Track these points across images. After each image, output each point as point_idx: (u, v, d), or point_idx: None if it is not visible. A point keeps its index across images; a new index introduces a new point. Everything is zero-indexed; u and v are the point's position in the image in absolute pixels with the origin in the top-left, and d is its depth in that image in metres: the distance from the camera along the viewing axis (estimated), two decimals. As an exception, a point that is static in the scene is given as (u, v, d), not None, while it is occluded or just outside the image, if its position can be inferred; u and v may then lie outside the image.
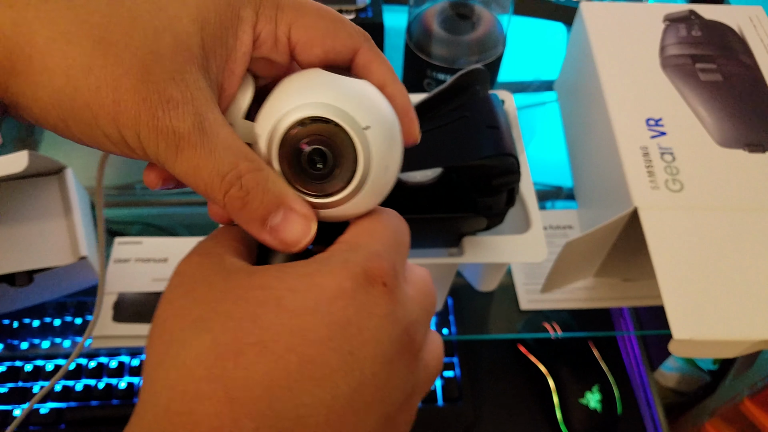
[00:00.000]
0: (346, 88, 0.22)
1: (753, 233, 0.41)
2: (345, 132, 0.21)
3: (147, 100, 0.19)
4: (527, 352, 0.57)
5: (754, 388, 0.54)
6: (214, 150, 0.20)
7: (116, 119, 0.19)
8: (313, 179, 0.22)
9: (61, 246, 0.51)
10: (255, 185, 0.21)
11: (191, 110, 0.20)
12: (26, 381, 0.54)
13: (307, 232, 0.22)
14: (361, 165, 0.21)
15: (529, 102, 0.69)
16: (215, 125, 0.20)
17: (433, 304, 0.23)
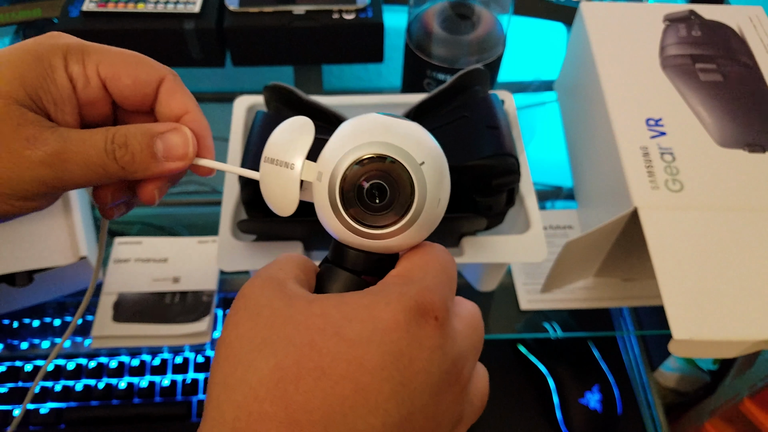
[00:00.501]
0: (400, 128, 0.23)
1: (753, 233, 0.41)
2: (403, 168, 0.22)
3: (12, 151, 0.24)
4: (527, 351, 0.57)
5: (754, 388, 0.54)
6: (86, 140, 0.25)
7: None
8: (372, 211, 0.23)
9: (61, 246, 0.51)
10: (127, 137, 0.26)
11: (49, 134, 0.25)
12: (26, 381, 0.54)
13: (186, 137, 0.27)
14: (416, 198, 0.23)
15: (529, 102, 0.69)
16: (74, 133, 0.25)
17: (481, 340, 0.24)
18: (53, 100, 0.26)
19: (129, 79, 0.27)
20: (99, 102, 0.27)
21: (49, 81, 0.25)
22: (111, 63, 0.27)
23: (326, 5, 0.60)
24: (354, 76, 0.75)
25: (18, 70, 0.25)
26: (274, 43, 0.61)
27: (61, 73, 0.26)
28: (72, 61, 0.26)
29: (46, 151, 0.24)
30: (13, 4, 0.68)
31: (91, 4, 0.59)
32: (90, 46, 0.27)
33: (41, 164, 0.24)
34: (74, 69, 0.26)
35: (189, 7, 0.59)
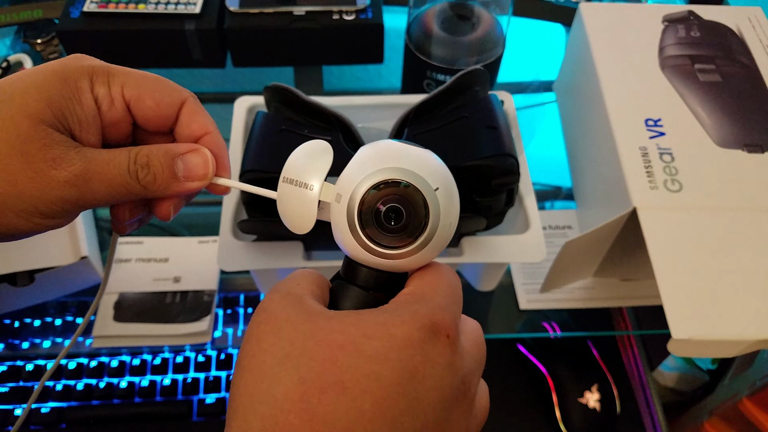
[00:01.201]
0: (415, 155, 0.24)
1: (751, 233, 0.41)
2: (418, 192, 0.24)
3: (39, 171, 0.25)
4: (526, 351, 0.58)
5: (753, 387, 0.54)
6: (110, 161, 0.26)
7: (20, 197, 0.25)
8: (387, 233, 0.24)
9: (62, 246, 0.51)
10: (149, 157, 0.27)
11: (74, 154, 0.25)
12: (27, 381, 0.54)
13: (206, 158, 0.28)
14: (430, 222, 0.24)
15: (528, 102, 0.69)
16: (97, 153, 0.26)
17: (484, 356, 0.25)
18: (78, 120, 0.26)
19: (152, 101, 0.28)
20: (121, 123, 0.28)
21: (75, 102, 0.26)
22: (135, 85, 0.28)
23: (326, 6, 0.60)
24: (354, 77, 0.75)
25: (45, 92, 0.25)
26: (275, 43, 0.61)
27: (87, 95, 0.27)
28: (98, 83, 0.27)
29: (72, 172, 0.25)
30: (14, 4, 0.69)
31: (92, 4, 0.59)
32: (114, 69, 0.28)
33: (66, 184, 0.25)
34: (100, 91, 0.27)
35: (189, 8, 0.59)
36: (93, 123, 0.27)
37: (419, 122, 0.45)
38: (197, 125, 0.29)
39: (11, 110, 0.25)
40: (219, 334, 0.55)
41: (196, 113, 0.29)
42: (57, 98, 0.26)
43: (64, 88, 0.26)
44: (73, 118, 0.26)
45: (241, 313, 0.57)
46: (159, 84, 0.28)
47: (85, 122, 0.27)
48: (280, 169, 0.26)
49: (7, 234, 0.26)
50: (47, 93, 0.26)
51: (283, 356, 0.21)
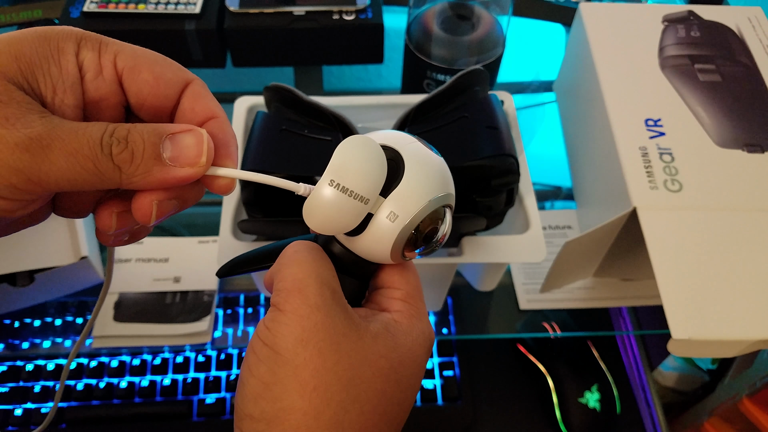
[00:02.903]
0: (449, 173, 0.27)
1: (751, 233, 0.41)
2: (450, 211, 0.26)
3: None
4: (526, 351, 0.58)
5: (753, 387, 0.54)
6: (78, 129, 0.20)
7: None
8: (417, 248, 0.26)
9: (62, 246, 0.51)
10: (130, 131, 0.21)
11: (36, 117, 0.20)
12: (27, 381, 0.54)
13: (200, 139, 0.22)
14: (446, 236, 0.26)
15: (528, 102, 0.69)
16: (66, 122, 0.21)
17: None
18: (53, 85, 0.22)
19: (150, 75, 0.23)
20: (109, 98, 0.23)
21: (52, 62, 0.22)
22: (132, 56, 0.23)
23: (326, 6, 0.60)
24: (354, 77, 0.75)
25: (16, 46, 0.21)
26: (275, 43, 0.61)
27: (70, 58, 0.22)
28: (86, 48, 0.23)
29: (27, 134, 0.20)
30: (14, 4, 0.69)
31: (92, 4, 0.59)
32: (109, 39, 0.23)
33: (16, 147, 0.19)
34: (87, 55, 0.23)
35: (189, 8, 0.59)
36: (71, 91, 0.22)
37: (419, 122, 0.45)
38: (202, 108, 0.24)
39: None
40: (219, 335, 0.55)
41: (201, 96, 0.24)
42: (29, 54, 0.21)
43: (42, 45, 0.22)
44: (46, 81, 0.22)
45: (241, 313, 0.57)
46: (161, 58, 0.24)
47: (61, 88, 0.22)
48: (280, 169, 0.26)
49: None
50: (18, 47, 0.21)
51: (347, 382, 0.22)
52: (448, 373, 0.56)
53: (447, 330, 0.56)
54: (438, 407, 0.55)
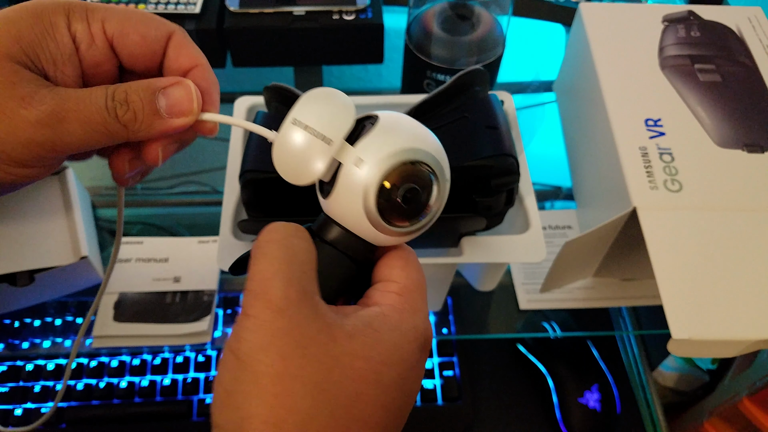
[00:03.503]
0: (437, 144, 0.25)
1: (751, 233, 0.41)
2: (437, 182, 0.24)
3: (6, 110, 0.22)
4: (526, 351, 0.58)
5: (753, 387, 0.54)
6: (85, 98, 0.24)
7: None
8: (396, 210, 0.24)
9: (62, 246, 0.51)
10: (128, 93, 0.24)
11: (46, 92, 0.23)
12: (27, 381, 0.54)
13: (189, 91, 0.25)
14: (435, 211, 0.24)
15: (528, 102, 0.69)
16: (72, 92, 0.24)
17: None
18: (52, 59, 0.24)
19: (137, 35, 0.26)
20: (104, 63, 0.26)
21: (48, 39, 0.24)
22: (118, 20, 0.26)
23: (326, 6, 0.60)
24: (354, 77, 0.75)
25: (15, 27, 0.23)
26: (275, 43, 0.61)
27: (63, 32, 0.25)
28: (75, 20, 0.25)
29: (43, 111, 0.23)
30: (14, 4, 0.68)
31: (91, 4, 0.59)
32: (93, 5, 0.26)
33: (38, 125, 0.23)
34: (78, 27, 0.25)
35: (189, 8, 0.59)
36: (69, 62, 0.25)
37: (419, 122, 0.45)
38: (185, 58, 0.27)
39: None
40: (219, 334, 0.55)
41: (183, 45, 0.27)
42: (28, 34, 0.24)
43: (37, 23, 0.24)
44: (46, 56, 0.24)
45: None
46: (143, 17, 0.26)
47: (60, 61, 0.24)
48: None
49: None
50: (16, 29, 0.23)
51: (313, 387, 0.20)
52: (448, 373, 0.56)
53: (447, 330, 0.56)
54: (438, 407, 0.55)
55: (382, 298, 0.24)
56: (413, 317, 0.24)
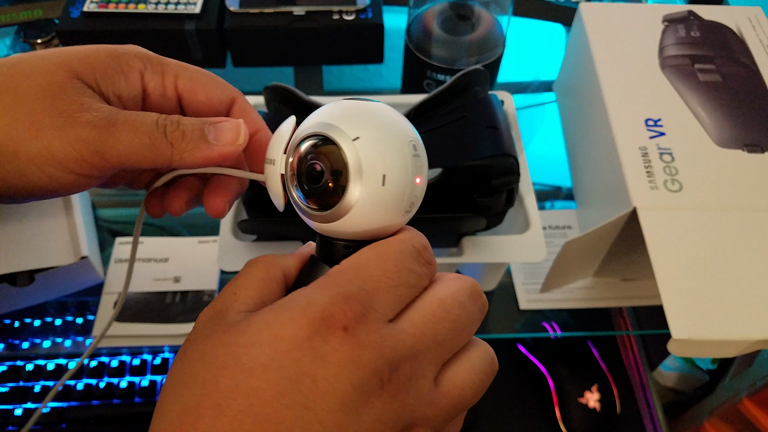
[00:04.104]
0: (345, 107, 0.23)
1: (752, 233, 0.41)
2: (335, 145, 0.22)
3: (63, 113, 0.24)
4: (526, 351, 0.58)
5: (753, 387, 0.54)
6: (138, 114, 0.25)
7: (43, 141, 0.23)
8: (317, 194, 0.22)
9: (62, 246, 0.51)
10: (180, 118, 0.26)
11: (104, 105, 0.25)
12: (27, 381, 0.54)
13: (238, 124, 0.27)
14: (350, 176, 0.22)
15: (528, 102, 0.69)
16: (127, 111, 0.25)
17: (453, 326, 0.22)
18: (119, 94, 0.26)
19: (204, 95, 0.28)
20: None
21: (120, 76, 0.26)
22: (189, 78, 0.27)
23: (326, 6, 0.60)
24: (354, 77, 0.75)
25: (91, 58, 0.25)
26: (275, 43, 0.61)
27: (135, 76, 0.26)
28: (151, 71, 0.27)
29: (97, 115, 0.24)
30: (14, 4, 0.69)
31: (92, 4, 0.59)
32: (168, 60, 0.28)
33: (89, 125, 0.24)
34: (153, 78, 0.27)
35: (189, 8, 0.59)
36: (132, 102, 0.26)
37: (419, 122, 0.45)
38: (249, 122, 0.28)
39: (49, 62, 0.25)
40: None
41: (246, 112, 0.29)
42: (102, 67, 0.25)
43: (112, 61, 0.26)
44: (113, 90, 0.26)
45: (241, 313, 0.57)
46: (211, 80, 0.28)
47: (125, 98, 0.26)
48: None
49: (17, 187, 0.24)
50: (93, 59, 0.25)
51: (175, 383, 0.20)
52: (448, 373, 0.56)
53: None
54: (438, 407, 0.55)
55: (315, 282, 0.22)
56: (316, 292, 0.20)
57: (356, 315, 0.20)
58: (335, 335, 0.19)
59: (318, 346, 0.19)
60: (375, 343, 0.20)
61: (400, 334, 0.21)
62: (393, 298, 0.21)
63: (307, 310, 0.20)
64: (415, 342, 0.21)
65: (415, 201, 0.23)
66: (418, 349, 0.21)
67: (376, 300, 0.21)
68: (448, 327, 0.22)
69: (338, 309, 0.20)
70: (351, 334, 0.19)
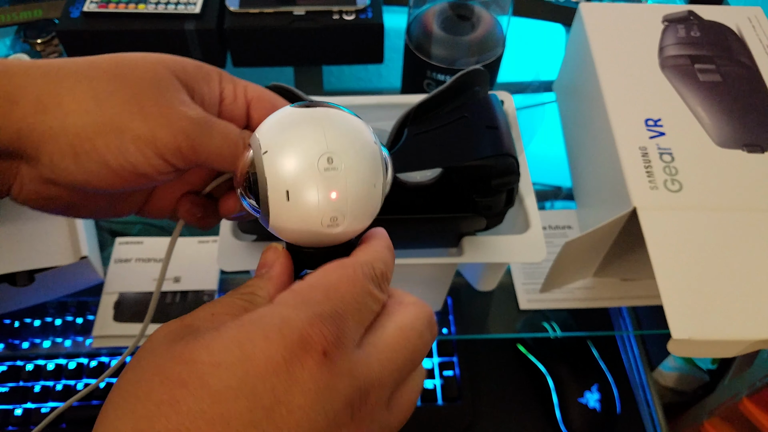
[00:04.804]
0: (282, 116, 0.24)
1: (751, 233, 0.41)
2: (256, 157, 0.23)
3: (169, 103, 0.26)
4: (526, 351, 0.58)
5: (753, 387, 0.54)
6: (226, 123, 0.27)
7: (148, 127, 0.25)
8: (253, 195, 0.24)
9: (62, 246, 0.51)
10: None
11: (199, 107, 0.27)
12: (27, 381, 0.54)
13: None
14: (260, 185, 0.23)
15: (528, 102, 0.69)
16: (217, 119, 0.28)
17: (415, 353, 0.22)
18: (203, 99, 0.28)
19: (269, 104, 0.30)
20: (237, 121, 0.30)
21: (204, 82, 0.28)
22: (256, 90, 0.31)
23: (326, 6, 0.60)
24: (354, 77, 0.75)
25: (182, 63, 0.28)
26: (275, 43, 0.61)
27: (215, 84, 0.29)
28: (225, 81, 0.30)
29: (198, 113, 0.26)
30: (14, 4, 0.69)
31: (92, 4, 0.59)
32: (237, 78, 0.31)
33: (191, 121, 0.26)
34: (227, 86, 0.30)
35: (189, 8, 0.59)
36: (211, 108, 0.29)
37: (419, 122, 0.45)
38: None
39: (149, 58, 0.27)
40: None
41: None
42: (191, 73, 0.28)
43: (198, 69, 0.28)
44: (199, 93, 0.28)
45: (241, 313, 0.57)
46: (274, 95, 0.31)
47: (208, 103, 0.28)
48: None
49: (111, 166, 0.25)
50: (184, 63, 0.28)
51: (126, 395, 0.18)
52: (448, 373, 0.56)
53: (447, 330, 0.56)
54: (438, 407, 0.55)
55: (279, 297, 0.21)
56: (291, 309, 0.19)
57: (334, 338, 0.19)
58: (314, 359, 0.18)
59: (295, 371, 0.18)
60: (349, 371, 0.19)
61: (368, 359, 0.20)
62: (360, 323, 0.21)
63: (283, 330, 0.18)
64: (381, 369, 0.20)
65: (339, 215, 0.23)
66: (383, 376, 0.20)
67: (348, 324, 0.20)
68: (407, 356, 0.22)
69: (316, 331, 0.19)
70: (329, 359, 0.18)
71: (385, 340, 0.21)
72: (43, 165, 0.25)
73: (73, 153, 0.24)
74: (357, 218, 0.23)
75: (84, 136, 0.24)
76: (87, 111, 0.24)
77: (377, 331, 0.21)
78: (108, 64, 0.26)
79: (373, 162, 0.23)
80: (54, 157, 0.25)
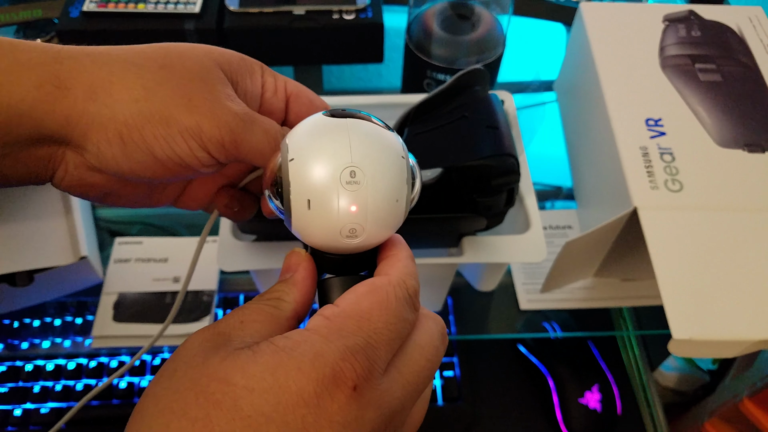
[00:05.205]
0: (313, 122, 0.24)
1: (752, 233, 0.41)
2: (284, 164, 0.23)
3: (215, 97, 0.26)
4: (527, 351, 0.57)
5: (754, 387, 0.54)
6: (268, 120, 0.28)
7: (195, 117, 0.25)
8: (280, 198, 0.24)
9: (62, 246, 0.51)
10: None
11: (243, 103, 0.27)
12: (26, 381, 0.54)
13: None
14: (285, 191, 0.23)
15: (528, 102, 0.69)
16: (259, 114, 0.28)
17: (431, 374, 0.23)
18: (245, 92, 0.28)
19: (307, 99, 0.31)
20: (275, 114, 0.31)
21: (247, 75, 0.29)
22: (295, 85, 0.31)
23: (326, 5, 0.60)
24: (354, 77, 0.75)
25: (227, 55, 0.28)
26: (275, 43, 0.61)
27: (258, 78, 0.29)
28: (267, 74, 0.30)
29: (243, 109, 0.26)
30: (14, 4, 0.68)
31: (91, 4, 0.59)
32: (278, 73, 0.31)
33: (236, 116, 0.26)
34: (268, 80, 0.30)
35: (189, 8, 0.59)
36: (253, 101, 0.29)
37: (419, 122, 0.45)
38: None
39: (196, 49, 0.27)
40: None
41: None
42: (236, 65, 0.28)
43: (242, 63, 0.29)
44: (242, 86, 0.28)
45: (240, 313, 0.56)
46: (312, 92, 0.32)
47: (250, 96, 0.29)
48: None
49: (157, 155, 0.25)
50: (229, 56, 0.28)
51: (162, 407, 0.19)
52: (448, 373, 0.56)
53: (447, 330, 0.56)
54: (438, 407, 0.55)
55: (311, 322, 0.21)
56: (324, 342, 0.20)
57: (364, 372, 0.19)
58: (344, 393, 0.19)
59: (325, 404, 0.18)
60: (376, 402, 0.20)
61: (393, 386, 0.21)
62: (390, 350, 0.21)
63: (316, 363, 0.19)
64: (403, 395, 0.21)
65: (358, 227, 0.23)
66: (405, 401, 0.21)
67: (379, 354, 0.20)
68: (427, 375, 0.22)
69: (348, 366, 0.19)
70: (359, 393, 0.19)
71: (408, 364, 0.22)
72: (89, 152, 0.25)
73: (120, 141, 0.24)
74: (376, 231, 0.24)
75: (132, 125, 0.24)
76: (136, 100, 0.24)
77: (403, 354, 0.22)
78: (156, 54, 0.26)
79: (397, 177, 0.24)
80: (101, 145, 0.24)
